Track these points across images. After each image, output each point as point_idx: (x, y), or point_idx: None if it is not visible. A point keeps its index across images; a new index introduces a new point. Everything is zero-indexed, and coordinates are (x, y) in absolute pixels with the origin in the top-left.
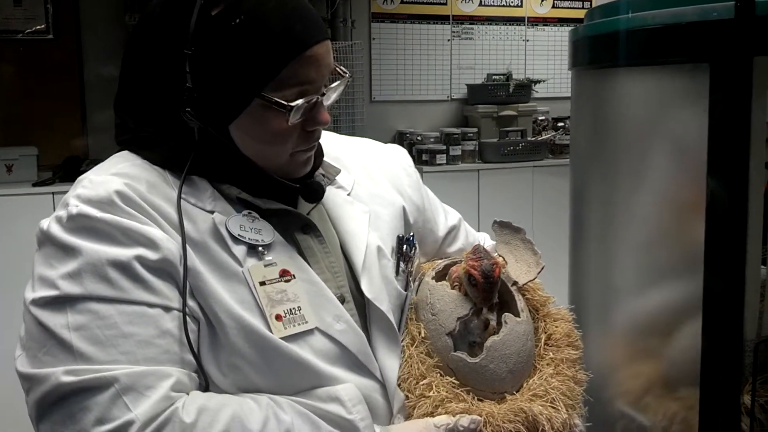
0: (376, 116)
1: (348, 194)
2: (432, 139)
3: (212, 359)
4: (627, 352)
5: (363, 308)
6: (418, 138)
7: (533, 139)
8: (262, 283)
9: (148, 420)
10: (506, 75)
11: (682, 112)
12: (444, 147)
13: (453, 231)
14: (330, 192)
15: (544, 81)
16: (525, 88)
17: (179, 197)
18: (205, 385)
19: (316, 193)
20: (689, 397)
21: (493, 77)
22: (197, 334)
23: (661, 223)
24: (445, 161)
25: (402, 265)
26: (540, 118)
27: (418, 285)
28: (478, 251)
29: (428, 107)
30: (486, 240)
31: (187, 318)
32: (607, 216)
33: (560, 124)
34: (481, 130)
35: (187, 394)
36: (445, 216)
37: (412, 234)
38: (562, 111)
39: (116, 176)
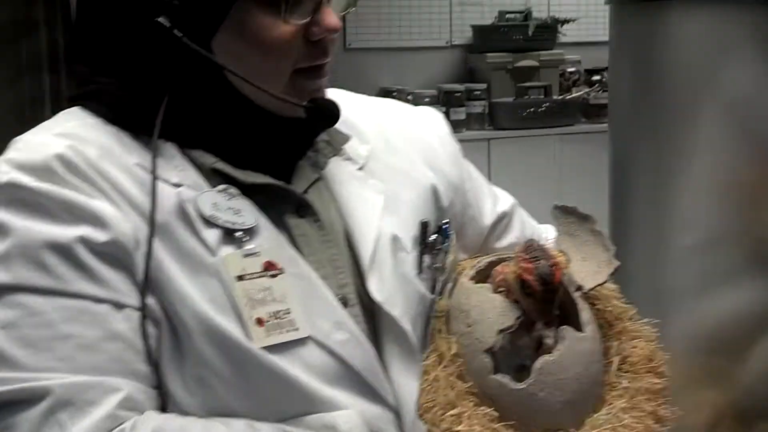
0: (351, 69)
1: (359, 169)
2: (427, 99)
3: (174, 372)
4: (686, 374)
5: (372, 315)
6: (409, 97)
7: (560, 97)
8: (240, 278)
9: None
10: (524, 13)
11: (750, 60)
12: (443, 109)
13: (503, 220)
14: (335, 165)
15: (573, 20)
16: (549, 30)
17: (154, 160)
18: (164, 404)
19: (327, 115)
20: None
21: (507, 16)
22: (157, 339)
23: (729, 206)
24: None
25: (426, 259)
26: (569, 70)
27: (452, 287)
28: (532, 249)
29: (421, 56)
30: (550, 233)
31: (146, 319)
32: (657, 197)
33: (595, 77)
34: (491, 87)
35: (140, 413)
36: (493, 200)
37: (446, 221)
38: (598, 60)
39: (59, 137)
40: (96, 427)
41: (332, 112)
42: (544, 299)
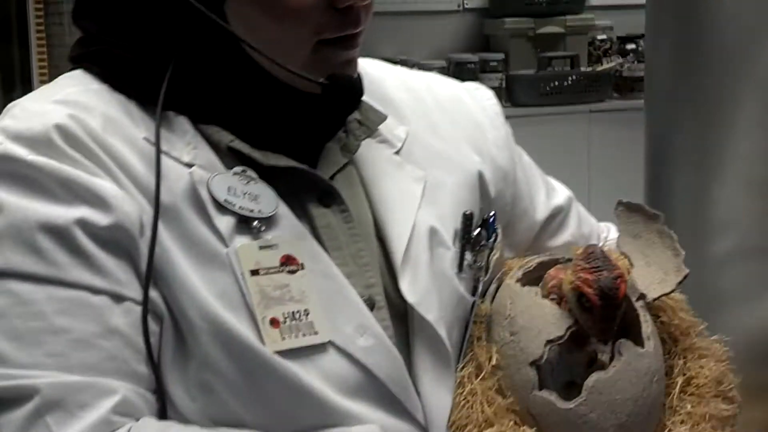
0: None
1: (396, 153)
2: (435, 71)
3: (176, 374)
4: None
5: (403, 318)
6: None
7: (589, 69)
8: (255, 273)
9: None
10: None
11: None
12: None
13: (558, 215)
14: (368, 149)
15: None
16: None
17: (158, 131)
18: (163, 410)
19: (347, 93)
20: None
21: None
22: (158, 337)
23: None
24: None
25: (468, 256)
26: (599, 38)
27: (496, 290)
28: (594, 257)
29: (428, 22)
30: (611, 233)
31: (148, 314)
32: (701, 182)
33: (629, 46)
34: (510, 57)
35: (136, 419)
36: (547, 192)
37: (492, 214)
38: (633, 27)
39: (60, 105)
40: None
41: (353, 90)
42: (603, 316)
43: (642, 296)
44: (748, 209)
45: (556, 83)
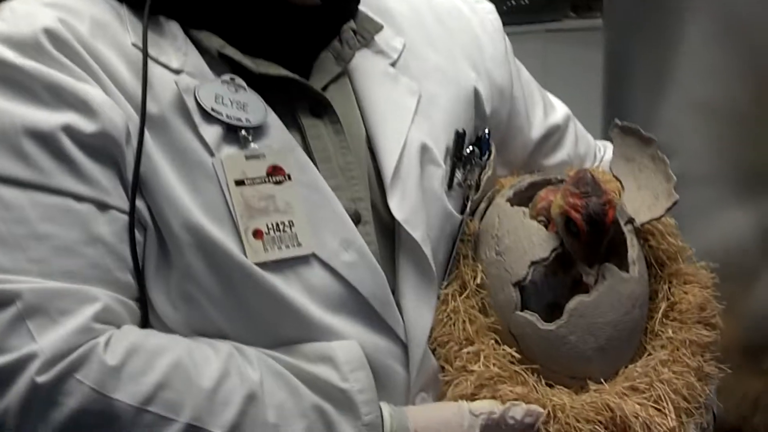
0: None
1: (392, 64)
2: None
3: (159, 283)
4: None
5: (390, 234)
6: None
7: None
8: (240, 183)
9: (55, 356)
10: None
11: None
12: None
13: (555, 134)
14: (363, 59)
15: None
16: None
17: (145, 40)
18: (145, 319)
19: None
20: None
21: None
22: (142, 246)
23: (723, 130)
24: None
25: (459, 174)
26: None
27: (486, 208)
28: (582, 182)
29: None
30: (607, 152)
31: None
32: (652, 104)
33: None
34: None
35: (117, 327)
36: (544, 110)
37: (487, 131)
38: None
39: (49, 7)
40: (67, 339)
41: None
42: (589, 242)
43: (631, 220)
44: (694, 133)
45: (513, 2)
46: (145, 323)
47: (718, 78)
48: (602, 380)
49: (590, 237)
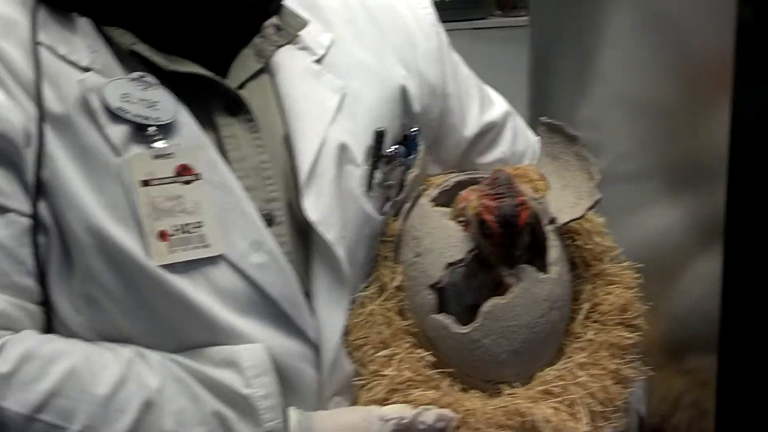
0: None
1: (316, 61)
2: None
3: (61, 286)
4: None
5: (305, 235)
6: None
7: None
8: (146, 183)
9: None
10: None
11: None
12: None
13: (491, 131)
14: (287, 56)
15: None
16: None
17: (34, 33)
18: (48, 324)
19: None
20: (701, 370)
21: None
22: (45, 249)
23: (649, 126)
24: None
25: (379, 174)
26: None
27: (410, 208)
28: (497, 183)
29: None
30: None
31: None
32: (584, 102)
33: None
34: None
35: (15, 332)
36: (481, 106)
37: (415, 129)
38: None
39: None
40: None
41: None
42: (503, 243)
43: (552, 220)
44: (620, 130)
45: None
46: (49, 327)
47: (645, 73)
48: (516, 385)
49: (503, 239)
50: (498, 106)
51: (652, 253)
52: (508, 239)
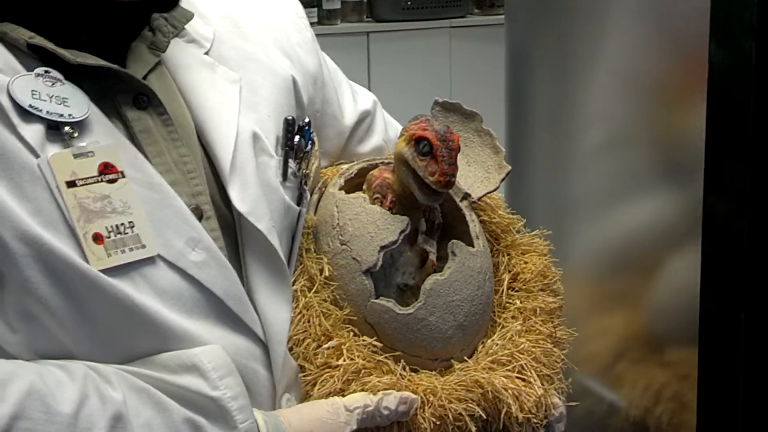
0: None
1: (206, 53)
2: None
3: None
4: (590, 296)
5: (232, 229)
6: None
7: None
8: (71, 184)
9: None
10: None
11: None
12: None
13: (366, 120)
14: (177, 49)
15: None
16: None
17: None
18: None
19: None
20: (682, 363)
21: None
22: None
23: (637, 104)
24: (316, 19)
25: (292, 164)
26: None
27: (319, 198)
28: (420, 116)
29: None
30: None
31: None
32: (560, 98)
33: None
34: None
35: None
36: (353, 97)
37: (307, 120)
38: None
39: None
40: None
41: None
42: (444, 157)
43: (466, 195)
44: (604, 111)
45: None
46: None
47: (621, 64)
48: (465, 358)
49: (444, 152)
50: (365, 95)
51: (631, 243)
52: (448, 153)
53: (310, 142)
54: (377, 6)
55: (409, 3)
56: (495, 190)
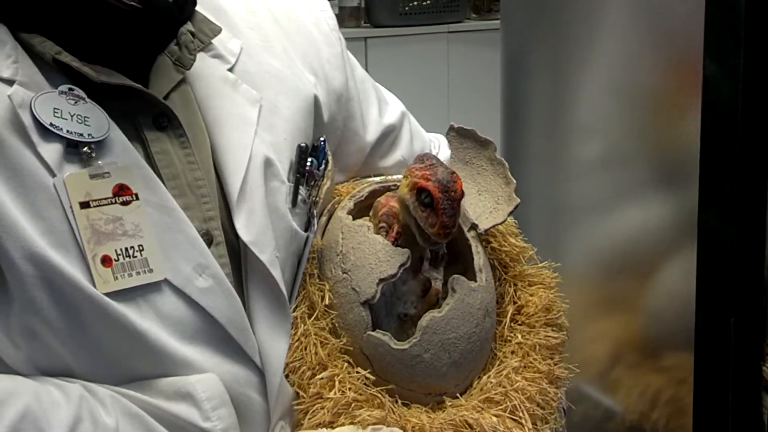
0: None
1: (230, 69)
2: None
3: None
4: (586, 301)
5: (237, 256)
6: None
7: None
8: (85, 205)
9: None
10: None
11: None
12: None
13: (391, 134)
14: (201, 64)
15: None
16: None
17: None
18: None
19: (164, 7)
20: (678, 367)
21: None
22: None
23: (633, 115)
24: None
25: (302, 191)
26: None
27: (327, 221)
28: (427, 157)
29: None
30: (442, 147)
31: None
32: (556, 103)
33: None
34: None
35: None
36: (379, 110)
37: (322, 138)
38: None
39: None
40: None
41: (170, 7)
42: (444, 209)
43: (474, 226)
44: (600, 122)
45: (415, 3)
46: None
47: (618, 67)
48: (458, 395)
49: (444, 204)
50: (394, 106)
51: (627, 249)
52: (449, 204)
53: (324, 161)
54: (375, 11)
55: (406, 8)
56: (502, 222)
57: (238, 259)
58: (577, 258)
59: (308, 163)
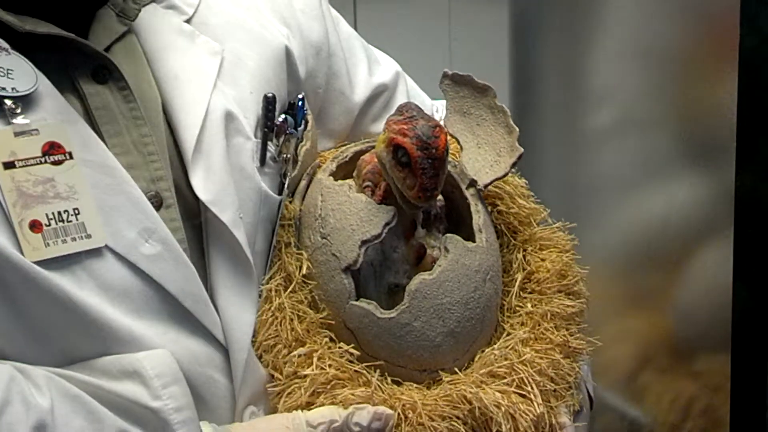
0: None
1: (187, 21)
2: None
3: None
4: (608, 296)
5: (197, 219)
6: None
7: None
8: (9, 165)
9: None
10: None
11: None
12: None
13: (382, 95)
14: (153, 16)
15: None
16: None
17: None
18: None
19: None
20: (712, 372)
21: None
22: None
23: (661, 80)
24: None
25: (272, 147)
26: None
27: (307, 186)
28: (406, 108)
29: None
30: (442, 110)
31: None
32: (568, 67)
33: None
34: None
35: None
36: (369, 68)
37: (301, 96)
38: None
39: None
40: None
41: None
42: (424, 169)
43: (473, 183)
44: (619, 86)
45: None
46: None
47: (638, 24)
48: (457, 370)
49: (424, 162)
50: (387, 66)
51: (653, 235)
52: (430, 164)
53: (302, 120)
54: None
55: None
56: (504, 176)
57: (199, 224)
58: (596, 245)
59: (280, 118)
